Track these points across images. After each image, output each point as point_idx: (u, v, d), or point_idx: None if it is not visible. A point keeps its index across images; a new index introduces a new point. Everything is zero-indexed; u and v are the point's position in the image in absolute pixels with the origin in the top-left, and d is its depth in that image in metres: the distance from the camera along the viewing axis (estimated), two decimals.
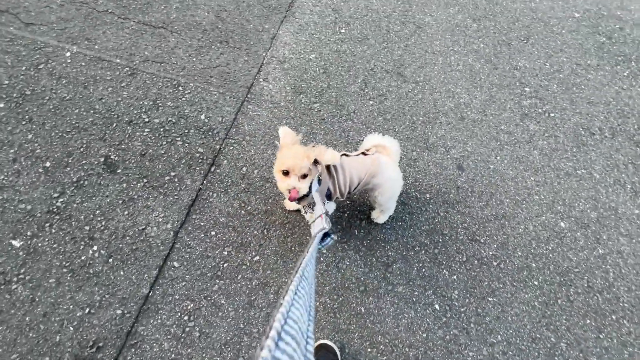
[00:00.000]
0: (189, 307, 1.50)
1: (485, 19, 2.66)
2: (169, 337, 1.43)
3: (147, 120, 1.92)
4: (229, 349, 1.43)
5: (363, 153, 1.45)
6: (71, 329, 1.41)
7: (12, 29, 2.11)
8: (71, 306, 1.45)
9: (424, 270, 1.68)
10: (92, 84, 1.98)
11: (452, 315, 1.59)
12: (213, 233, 1.66)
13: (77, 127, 1.84)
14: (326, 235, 0.95)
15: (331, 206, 1.53)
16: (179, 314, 1.48)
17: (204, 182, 1.79)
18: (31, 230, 1.57)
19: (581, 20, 2.74)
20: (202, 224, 1.68)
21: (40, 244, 1.55)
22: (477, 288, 1.66)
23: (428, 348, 1.51)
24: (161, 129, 1.90)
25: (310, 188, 1.32)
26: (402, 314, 1.57)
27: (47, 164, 1.73)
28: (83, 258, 1.54)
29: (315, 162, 1.35)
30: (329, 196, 1.39)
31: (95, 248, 1.57)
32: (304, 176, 1.25)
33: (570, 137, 2.16)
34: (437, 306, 1.60)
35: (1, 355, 1.34)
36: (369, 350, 1.49)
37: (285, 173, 1.25)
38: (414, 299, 1.60)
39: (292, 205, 1.68)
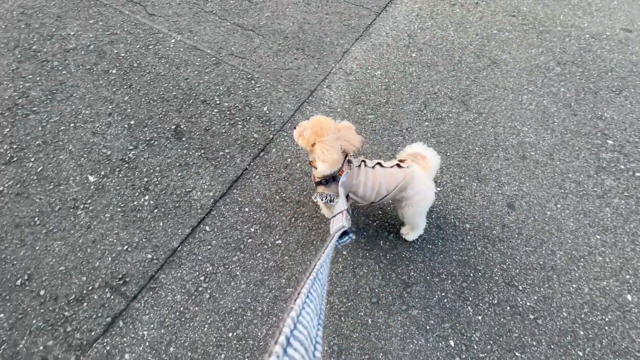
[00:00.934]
0: (207, 270, 1.59)
1: (572, 64, 2.49)
2: (183, 291, 1.53)
3: (218, 102, 2.17)
4: (231, 318, 1.47)
5: (398, 164, 1.42)
6: (109, 259, 1.59)
7: (139, 17, 2.59)
8: (115, 240, 1.64)
9: (445, 300, 1.54)
10: (183, 66, 2.32)
11: (468, 358, 1.42)
12: (247, 209, 1.76)
13: (162, 97, 2.16)
14: (345, 233, 0.92)
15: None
16: (197, 274, 1.58)
17: (251, 163, 1.92)
18: (105, 171, 1.85)
19: None
20: (239, 199, 1.80)
21: (107, 184, 1.81)
22: (504, 337, 1.47)
23: None
24: (228, 112, 2.12)
25: (327, 180, 1.36)
26: (411, 338, 1.45)
27: (132, 122, 2.04)
28: (135, 203, 1.75)
29: (347, 158, 1.39)
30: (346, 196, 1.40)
31: (146, 197, 1.78)
32: (313, 144, 1.32)
33: None
34: (452, 342, 1.45)
35: (53, 265, 1.57)
36: None
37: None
38: (428, 327, 1.48)
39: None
